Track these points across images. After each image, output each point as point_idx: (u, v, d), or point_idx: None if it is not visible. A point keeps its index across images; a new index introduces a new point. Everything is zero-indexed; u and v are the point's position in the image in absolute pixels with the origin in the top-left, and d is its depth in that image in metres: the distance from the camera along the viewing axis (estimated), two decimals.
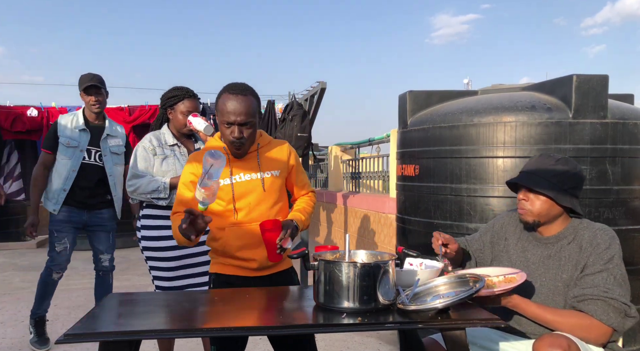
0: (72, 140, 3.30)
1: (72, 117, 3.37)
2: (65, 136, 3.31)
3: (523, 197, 1.83)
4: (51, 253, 3.35)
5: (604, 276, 1.66)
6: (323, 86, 4.88)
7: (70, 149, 3.30)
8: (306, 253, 1.64)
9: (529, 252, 1.88)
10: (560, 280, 1.76)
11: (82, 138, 3.33)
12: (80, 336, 1.37)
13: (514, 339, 1.82)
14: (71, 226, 3.35)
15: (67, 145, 3.30)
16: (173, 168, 2.57)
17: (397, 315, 1.51)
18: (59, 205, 3.29)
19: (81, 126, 3.33)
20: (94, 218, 3.41)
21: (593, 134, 2.52)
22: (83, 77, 3.35)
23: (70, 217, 3.33)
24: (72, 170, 3.29)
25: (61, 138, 3.30)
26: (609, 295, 1.62)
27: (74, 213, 3.34)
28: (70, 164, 3.29)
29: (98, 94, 3.33)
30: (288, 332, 1.47)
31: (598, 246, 1.71)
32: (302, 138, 4.76)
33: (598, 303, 1.63)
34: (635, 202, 2.59)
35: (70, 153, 3.30)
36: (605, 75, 2.54)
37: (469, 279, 1.65)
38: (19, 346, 3.40)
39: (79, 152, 3.31)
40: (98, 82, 3.33)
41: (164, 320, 1.57)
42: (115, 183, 3.43)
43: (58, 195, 3.30)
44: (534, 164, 1.85)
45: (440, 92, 3.17)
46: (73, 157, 3.30)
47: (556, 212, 1.80)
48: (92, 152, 3.37)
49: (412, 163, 3.06)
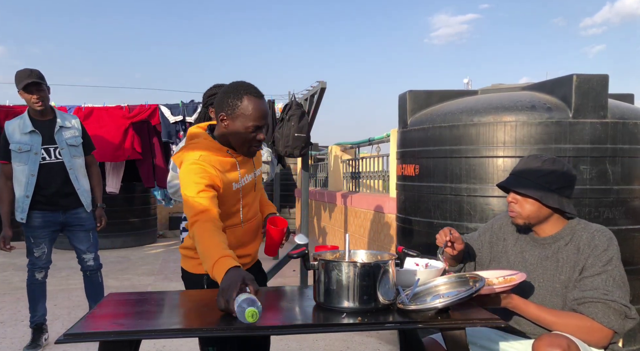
0: (23, 145, 3.18)
1: (19, 121, 3.23)
2: (15, 141, 3.19)
3: (512, 200, 1.82)
4: (30, 257, 3.32)
5: (604, 278, 1.66)
6: (323, 86, 4.87)
7: (24, 154, 3.18)
8: (306, 252, 1.64)
9: (526, 253, 1.88)
10: (558, 281, 1.76)
11: (33, 141, 3.19)
12: (80, 336, 1.37)
13: (514, 339, 1.82)
14: (47, 230, 3.29)
15: (19, 150, 3.18)
16: None
17: (397, 315, 1.51)
18: (25, 212, 3.21)
19: (29, 128, 3.19)
20: (71, 218, 3.33)
21: (593, 134, 2.52)
22: (20, 74, 3.12)
23: (45, 221, 3.26)
24: (30, 175, 3.19)
25: (12, 145, 3.19)
26: (609, 297, 1.62)
27: (48, 216, 3.27)
28: (27, 169, 3.19)
29: (39, 90, 3.14)
30: (288, 332, 1.47)
31: (596, 248, 1.70)
32: (299, 138, 4.75)
33: (598, 306, 1.62)
34: (635, 202, 2.59)
35: (25, 158, 3.18)
36: (605, 75, 2.54)
37: (469, 279, 1.65)
38: (19, 346, 3.40)
39: (34, 155, 3.19)
40: (37, 78, 3.12)
41: (164, 320, 1.57)
42: (77, 176, 3.32)
43: (22, 202, 3.21)
44: (521, 166, 1.85)
45: (440, 91, 3.17)
46: (29, 161, 3.18)
47: (545, 213, 1.79)
48: (51, 150, 3.24)
49: (412, 163, 3.06)
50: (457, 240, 1.88)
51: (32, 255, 3.30)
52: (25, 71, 3.13)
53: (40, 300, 3.39)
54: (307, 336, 3.57)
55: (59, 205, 3.26)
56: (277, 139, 4.84)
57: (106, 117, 6.78)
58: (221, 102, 1.83)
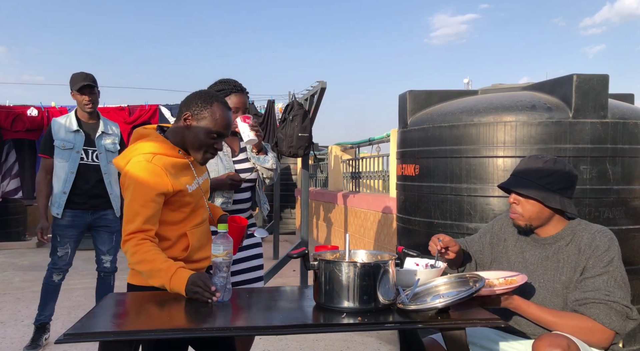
0: (67, 142, 3.31)
1: (66, 119, 3.38)
2: (60, 139, 3.32)
3: (514, 201, 1.82)
4: (53, 256, 3.35)
5: (605, 279, 1.65)
6: (323, 86, 4.87)
7: (66, 151, 3.31)
8: (306, 252, 1.64)
9: (527, 253, 1.88)
10: (558, 282, 1.76)
11: (76, 140, 3.34)
12: (80, 336, 1.37)
13: (514, 339, 1.82)
14: (75, 230, 3.35)
15: (63, 147, 3.31)
16: (215, 169, 2.33)
17: (397, 315, 1.51)
18: (61, 208, 3.29)
19: (75, 127, 3.34)
20: (99, 219, 3.41)
21: (593, 134, 2.52)
22: (75, 77, 3.32)
23: (74, 220, 3.34)
24: (70, 172, 3.30)
25: (56, 142, 3.32)
26: (611, 298, 1.62)
27: (77, 217, 3.34)
28: (67, 166, 3.30)
29: (91, 93, 3.33)
30: (288, 332, 1.47)
31: (597, 248, 1.70)
32: (303, 138, 4.76)
33: (600, 307, 1.62)
34: (635, 202, 2.59)
35: (67, 156, 3.31)
36: (606, 75, 2.54)
37: (469, 279, 1.65)
38: (19, 346, 3.40)
39: (75, 154, 3.32)
40: (91, 81, 3.31)
41: (164, 320, 1.56)
42: (111, 182, 3.41)
43: (59, 198, 3.30)
44: (522, 166, 1.84)
45: (440, 91, 3.17)
46: (70, 159, 3.30)
47: (547, 213, 1.79)
48: (89, 152, 3.38)
49: (412, 163, 3.06)
50: (449, 243, 1.88)
51: (55, 255, 3.34)
52: (81, 74, 3.31)
53: (52, 300, 3.44)
54: (307, 336, 3.57)
55: (89, 204, 3.36)
56: (281, 139, 4.84)
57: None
58: (190, 101, 1.80)
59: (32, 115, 6.80)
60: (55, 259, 3.34)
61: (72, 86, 3.30)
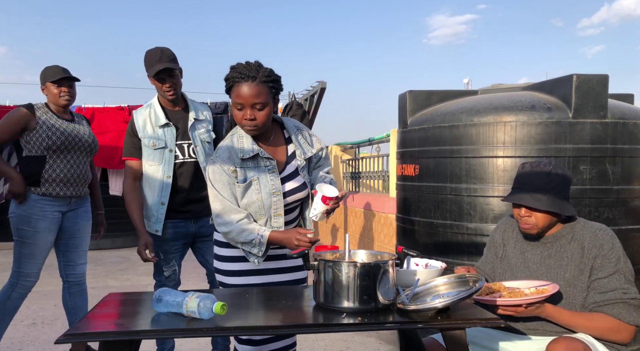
0: (157, 140, 2.55)
1: (149, 111, 2.61)
2: (148, 136, 2.56)
3: (526, 214, 1.81)
4: (158, 277, 2.68)
5: (618, 278, 1.70)
6: (323, 86, 4.88)
7: (158, 152, 2.56)
8: (306, 252, 1.64)
9: (528, 253, 1.89)
10: (562, 279, 1.77)
11: (167, 135, 2.57)
12: (80, 336, 1.37)
13: (515, 338, 1.82)
14: (179, 243, 2.65)
15: (154, 146, 2.55)
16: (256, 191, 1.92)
17: (397, 315, 1.51)
18: (161, 223, 2.57)
19: (163, 120, 2.57)
20: (204, 227, 2.65)
21: (593, 134, 2.52)
22: (150, 56, 2.53)
23: (177, 232, 2.63)
24: (166, 177, 2.56)
25: (145, 140, 2.56)
26: (628, 296, 1.67)
27: (180, 227, 2.62)
28: (162, 170, 2.56)
29: (171, 77, 2.54)
30: (288, 332, 1.47)
31: (602, 247, 1.72)
32: None
33: (621, 306, 1.67)
34: (635, 202, 2.59)
35: (159, 157, 2.56)
36: (606, 75, 2.54)
37: (469, 279, 1.65)
38: (19, 346, 3.40)
39: (169, 153, 2.56)
40: (169, 62, 2.52)
41: (164, 320, 1.57)
42: None
43: (157, 211, 2.57)
44: (527, 178, 1.82)
45: (440, 91, 3.17)
46: (163, 161, 2.56)
47: (556, 218, 1.82)
48: (185, 146, 2.60)
49: (412, 163, 3.06)
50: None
51: (160, 275, 2.66)
52: (157, 52, 2.52)
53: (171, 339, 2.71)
54: (307, 336, 3.57)
55: (191, 212, 2.63)
56: None
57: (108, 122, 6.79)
58: None
59: None
60: (163, 280, 2.65)
61: (148, 69, 2.54)
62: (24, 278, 2.86)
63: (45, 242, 2.87)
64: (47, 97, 2.94)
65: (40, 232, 2.84)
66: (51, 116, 2.92)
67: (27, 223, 2.83)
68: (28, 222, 2.83)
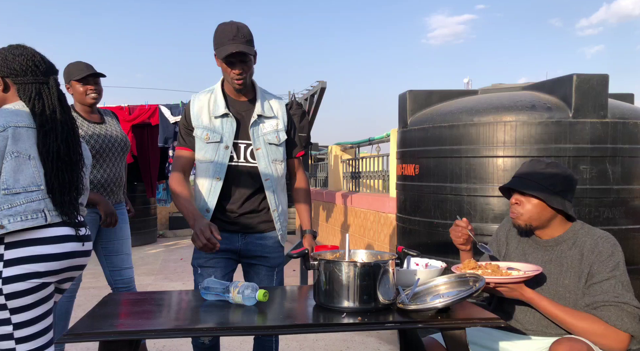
0: (212, 133, 2.17)
1: (209, 96, 2.22)
2: (202, 126, 2.18)
3: (515, 201, 1.83)
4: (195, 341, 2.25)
5: (612, 283, 1.66)
6: (323, 86, 4.88)
7: (211, 146, 2.17)
8: (306, 252, 1.64)
9: (529, 256, 1.88)
10: (561, 285, 1.76)
11: (225, 128, 2.18)
12: (80, 336, 1.37)
13: (515, 338, 1.82)
14: (221, 258, 2.19)
15: (207, 140, 2.17)
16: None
17: (397, 315, 1.51)
18: None
19: (222, 110, 2.17)
20: (253, 246, 2.23)
21: (593, 134, 2.52)
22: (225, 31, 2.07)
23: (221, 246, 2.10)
24: (215, 179, 2.18)
25: (197, 131, 2.19)
26: (620, 300, 1.63)
27: (224, 241, 2.13)
28: (212, 169, 2.18)
29: (243, 62, 2.11)
30: (288, 332, 1.47)
31: (600, 254, 1.71)
32: (300, 137, 4.75)
33: (611, 309, 1.63)
34: (635, 201, 2.59)
35: (212, 153, 2.18)
36: (606, 75, 2.54)
37: (469, 279, 1.65)
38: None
39: (224, 150, 2.17)
40: (245, 44, 2.07)
41: (164, 320, 1.57)
42: (276, 190, 2.25)
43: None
44: (524, 169, 1.87)
45: (440, 91, 3.17)
46: (216, 157, 2.18)
47: (548, 215, 1.80)
48: (242, 147, 2.20)
49: (412, 163, 3.06)
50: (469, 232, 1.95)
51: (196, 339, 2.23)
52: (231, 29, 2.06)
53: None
54: (307, 336, 3.57)
55: (240, 225, 2.22)
56: None
57: None
58: None
59: None
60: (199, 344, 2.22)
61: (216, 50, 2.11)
62: None
63: None
64: (73, 96, 2.76)
65: None
66: (81, 122, 2.73)
67: None
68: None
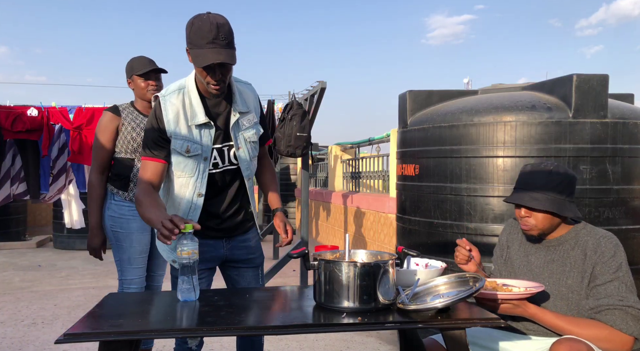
0: (193, 144, 1.92)
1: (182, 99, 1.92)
2: (181, 137, 1.91)
3: (525, 214, 1.81)
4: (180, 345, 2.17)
5: (616, 285, 1.66)
6: (323, 86, 4.88)
7: (192, 160, 1.93)
8: (306, 252, 1.64)
9: (532, 256, 1.88)
10: (564, 285, 1.76)
11: (204, 138, 1.94)
12: (80, 336, 1.37)
13: (515, 338, 1.82)
14: (203, 268, 2.00)
15: (187, 153, 1.92)
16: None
17: (397, 315, 1.51)
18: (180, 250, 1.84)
19: (201, 118, 1.91)
20: (237, 249, 2.11)
21: (593, 134, 2.52)
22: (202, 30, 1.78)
23: (203, 254, 1.94)
24: (197, 195, 1.96)
25: (175, 142, 1.91)
26: (625, 303, 1.62)
27: (208, 249, 2.01)
28: (192, 186, 1.95)
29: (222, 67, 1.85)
30: (288, 332, 1.47)
31: (603, 254, 1.70)
32: (301, 137, 4.76)
33: (616, 313, 1.62)
34: (635, 201, 2.59)
35: (191, 167, 1.94)
36: (606, 75, 2.54)
37: (469, 279, 1.65)
38: (19, 346, 3.40)
39: (203, 162, 1.95)
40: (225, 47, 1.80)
41: (163, 320, 1.57)
42: (251, 188, 2.13)
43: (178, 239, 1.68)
44: (527, 178, 1.83)
45: (440, 91, 3.17)
46: (196, 172, 1.94)
47: (558, 220, 1.80)
48: (225, 151, 2.00)
49: (412, 163, 3.06)
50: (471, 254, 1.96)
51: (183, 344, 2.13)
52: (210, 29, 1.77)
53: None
54: (307, 336, 3.57)
55: (224, 230, 2.06)
56: (279, 139, 4.85)
57: None
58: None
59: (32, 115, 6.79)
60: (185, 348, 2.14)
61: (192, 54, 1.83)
62: (128, 285, 2.70)
63: (141, 243, 2.69)
64: (134, 90, 2.75)
65: (133, 233, 2.67)
66: (137, 116, 2.72)
67: (120, 225, 2.67)
68: (120, 224, 2.67)
